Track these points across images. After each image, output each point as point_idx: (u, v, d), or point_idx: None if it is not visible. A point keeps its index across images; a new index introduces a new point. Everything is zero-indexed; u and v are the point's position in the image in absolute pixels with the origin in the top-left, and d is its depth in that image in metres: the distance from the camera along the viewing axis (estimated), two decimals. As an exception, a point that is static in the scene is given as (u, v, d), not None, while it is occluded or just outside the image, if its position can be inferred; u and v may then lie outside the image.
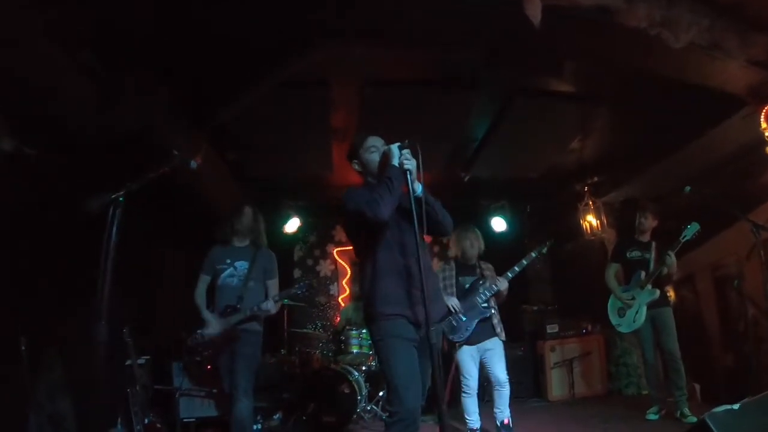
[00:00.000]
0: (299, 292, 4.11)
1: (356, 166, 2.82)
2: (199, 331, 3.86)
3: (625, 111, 5.16)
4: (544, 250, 4.27)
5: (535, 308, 7.09)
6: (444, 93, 4.74)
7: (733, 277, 5.83)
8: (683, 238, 4.39)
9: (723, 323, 6.23)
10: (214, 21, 3.53)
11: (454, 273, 4.27)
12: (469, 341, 4.06)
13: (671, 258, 4.48)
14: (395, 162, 2.54)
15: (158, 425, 4.46)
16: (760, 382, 4.59)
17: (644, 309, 4.65)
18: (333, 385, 5.26)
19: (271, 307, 3.82)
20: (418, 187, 2.59)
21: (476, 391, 4.13)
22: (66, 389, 4.09)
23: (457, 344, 4.08)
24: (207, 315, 3.89)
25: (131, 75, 3.65)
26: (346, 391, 5.20)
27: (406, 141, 2.55)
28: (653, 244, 4.85)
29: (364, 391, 5.37)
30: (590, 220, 6.57)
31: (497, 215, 7.29)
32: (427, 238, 2.66)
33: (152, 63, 3.67)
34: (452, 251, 4.41)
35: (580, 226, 6.60)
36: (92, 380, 2.28)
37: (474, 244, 4.26)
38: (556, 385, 6.33)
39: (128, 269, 4.00)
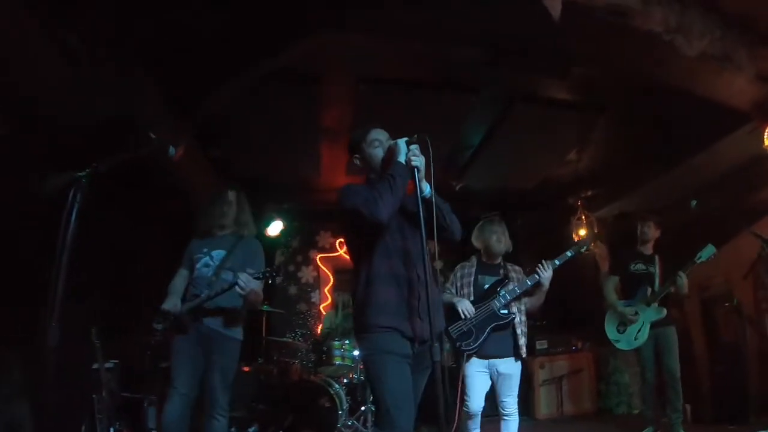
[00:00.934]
0: (260, 276, 3.32)
1: (357, 161, 2.58)
2: (155, 324, 3.35)
3: (626, 123, 5.06)
4: (583, 249, 3.82)
5: (524, 323, 6.91)
6: (442, 95, 4.57)
7: (722, 298, 5.77)
8: (698, 260, 4.17)
9: (710, 344, 6.16)
10: (202, 7, 3.31)
11: (474, 270, 3.70)
12: (481, 354, 3.47)
13: (682, 279, 4.25)
14: (401, 158, 2.31)
15: (126, 434, 4.18)
16: (765, 401, 4.49)
17: (647, 327, 4.42)
18: (312, 398, 5.02)
19: (245, 281, 3.18)
20: (426, 187, 2.36)
21: (480, 411, 3.57)
22: (24, 393, 3.78)
23: (466, 355, 3.51)
24: (170, 293, 3.45)
25: (113, 59, 3.39)
26: (326, 404, 4.97)
27: (415, 136, 2.34)
28: (656, 257, 4.61)
29: (345, 405, 5.12)
30: (582, 235, 6.45)
31: (488, 227, 7.10)
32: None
33: (136, 48, 3.44)
34: (475, 245, 3.86)
35: (572, 241, 6.45)
36: (52, 385, 2.02)
37: (501, 239, 3.72)
38: (544, 403, 6.16)
39: (100, 264, 3.72)
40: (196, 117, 4.18)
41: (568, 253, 3.66)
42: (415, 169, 2.28)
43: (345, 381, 5.36)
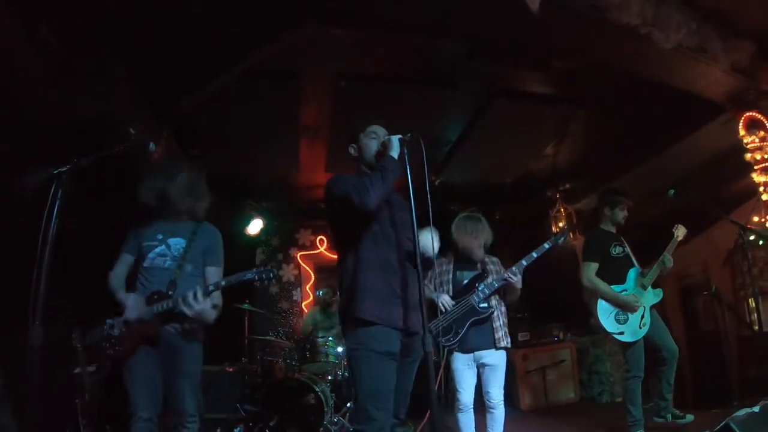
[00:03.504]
0: (255, 278, 2.80)
1: (352, 151, 2.68)
2: (109, 321, 2.90)
3: (603, 116, 5.11)
4: (561, 241, 3.77)
5: (506, 316, 6.95)
6: (421, 91, 4.56)
7: (700, 286, 5.86)
8: (677, 239, 4.09)
9: (690, 331, 6.28)
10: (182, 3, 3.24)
11: (451, 267, 3.70)
12: (464, 348, 3.48)
13: (671, 260, 4.08)
14: (394, 154, 2.39)
15: (111, 439, 4.08)
16: (745, 385, 4.55)
17: (648, 312, 4.04)
18: (297, 396, 4.97)
19: (203, 305, 2.78)
20: None
21: (472, 406, 3.56)
22: (6, 400, 3.66)
23: (447, 350, 3.51)
24: (124, 296, 2.93)
25: (89, 55, 3.30)
26: (312, 402, 4.93)
27: (408, 134, 2.41)
28: (621, 238, 4.30)
29: (331, 402, 5.10)
30: (561, 227, 6.52)
31: (468, 221, 7.13)
32: None
33: (113, 44, 3.34)
34: (455, 240, 3.77)
35: (551, 233, 6.52)
36: (34, 390, 1.95)
37: (479, 236, 3.69)
38: (528, 394, 6.21)
39: (83, 264, 3.59)
40: (176, 113, 4.09)
41: (534, 254, 3.64)
42: (407, 165, 2.35)
43: (329, 378, 5.33)
